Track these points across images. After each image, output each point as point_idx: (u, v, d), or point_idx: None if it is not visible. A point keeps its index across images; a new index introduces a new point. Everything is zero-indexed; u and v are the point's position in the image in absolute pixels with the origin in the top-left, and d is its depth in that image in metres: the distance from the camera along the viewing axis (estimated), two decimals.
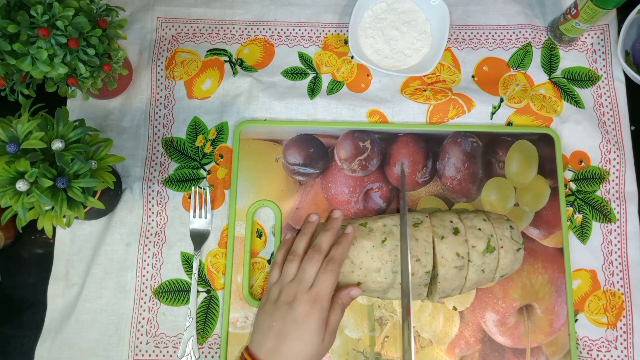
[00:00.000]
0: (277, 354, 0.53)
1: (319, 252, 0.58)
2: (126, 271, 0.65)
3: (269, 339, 0.54)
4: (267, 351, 0.53)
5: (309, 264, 0.57)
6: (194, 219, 0.65)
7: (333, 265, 0.56)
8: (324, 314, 0.54)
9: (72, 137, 0.51)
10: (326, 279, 0.55)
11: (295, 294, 0.55)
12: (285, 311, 0.54)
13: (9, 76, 0.53)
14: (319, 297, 0.54)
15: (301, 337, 0.53)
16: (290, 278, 0.57)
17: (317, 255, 0.57)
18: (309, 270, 0.56)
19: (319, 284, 0.55)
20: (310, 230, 0.62)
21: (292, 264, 0.58)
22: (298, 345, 0.53)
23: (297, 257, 0.59)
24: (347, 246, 0.58)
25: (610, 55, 0.73)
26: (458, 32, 0.73)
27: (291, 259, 0.59)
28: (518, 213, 0.66)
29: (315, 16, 0.74)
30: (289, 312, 0.54)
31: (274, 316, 0.55)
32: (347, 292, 0.58)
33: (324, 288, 0.55)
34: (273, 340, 0.53)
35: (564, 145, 0.69)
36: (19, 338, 0.63)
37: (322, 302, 0.54)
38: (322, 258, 0.57)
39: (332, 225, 0.61)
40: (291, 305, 0.54)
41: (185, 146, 0.68)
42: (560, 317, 0.63)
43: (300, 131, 0.67)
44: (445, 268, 0.58)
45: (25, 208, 0.48)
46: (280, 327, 0.54)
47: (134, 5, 0.73)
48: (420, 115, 0.70)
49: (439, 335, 0.63)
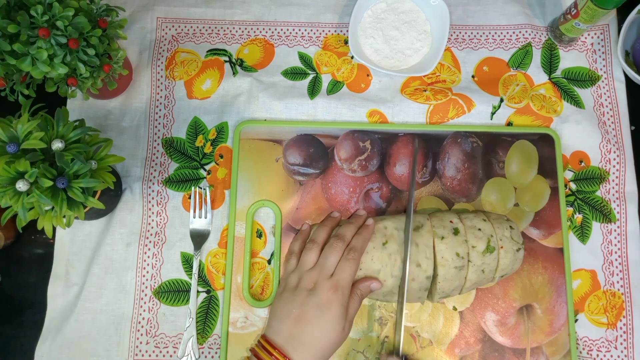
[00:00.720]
0: (298, 340, 0.52)
1: (342, 241, 0.58)
2: (126, 271, 0.65)
3: (288, 325, 0.53)
4: (286, 337, 0.53)
5: (331, 252, 0.57)
6: (194, 219, 0.65)
7: (354, 254, 0.57)
8: (345, 301, 0.54)
9: (72, 137, 0.51)
10: (348, 266, 0.56)
11: (317, 281, 0.55)
12: (306, 297, 0.54)
13: (9, 76, 0.53)
14: (341, 285, 0.55)
15: (323, 323, 0.53)
16: (310, 266, 0.57)
17: (340, 243, 0.58)
18: (331, 257, 0.57)
19: (341, 272, 0.56)
20: (332, 224, 0.62)
21: (312, 252, 0.58)
22: (320, 332, 0.53)
23: (317, 245, 0.59)
24: (367, 237, 0.59)
25: (610, 55, 0.73)
26: (458, 32, 0.73)
27: (310, 247, 0.59)
28: (518, 213, 0.66)
29: (315, 16, 0.74)
30: (311, 298, 0.54)
31: (294, 303, 0.55)
32: (368, 284, 0.58)
33: (345, 276, 0.55)
34: (293, 326, 0.53)
35: (564, 145, 0.69)
36: (19, 338, 0.63)
37: (343, 289, 0.55)
38: (345, 247, 0.58)
39: (356, 219, 0.62)
40: (312, 291, 0.54)
41: (185, 146, 0.68)
42: (560, 317, 0.63)
43: (300, 131, 0.67)
44: (445, 268, 0.58)
45: (25, 208, 0.48)
46: (300, 313, 0.53)
47: (134, 5, 0.73)
48: (420, 115, 0.70)
49: (439, 336, 0.63)
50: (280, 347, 0.52)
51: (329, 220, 0.63)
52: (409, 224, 0.59)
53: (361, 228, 0.60)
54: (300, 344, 0.52)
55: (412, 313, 0.63)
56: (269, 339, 0.53)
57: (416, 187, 0.66)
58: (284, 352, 0.52)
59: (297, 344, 0.52)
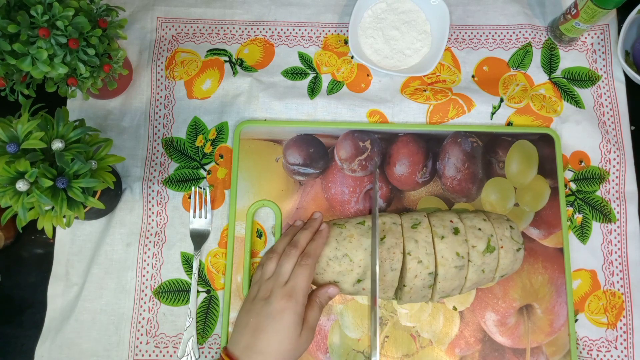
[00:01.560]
0: (254, 350, 0.53)
1: (295, 248, 0.59)
2: (126, 271, 0.65)
3: (245, 335, 0.54)
4: (244, 347, 0.53)
5: (285, 260, 0.58)
6: (194, 219, 0.65)
7: (307, 260, 0.57)
8: (299, 308, 0.54)
9: (72, 137, 0.51)
10: (301, 273, 0.56)
11: (272, 289, 0.56)
12: (262, 307, 0.55)
13: (9, 76, 0.53)
14: (294, 291, 0.55)
15: (277, 331, 0.53)
16: (269, 275, 0.58)
17: (293, 250, 0.58)
18: (286, 265, 0.57)
19: (294, 278, 0.56)
20: (293, 232, 0.62)
21: (271, 261, 0.59)
22: (275, 340, 0.53)
23: (276, 254, 0.59)
24: (320, 242, 0.59)
25: (610, 55, 0.73)
26: (458, 32, 0.73)
27: (269, 256, 0.60)
28: (518, 213, 0.66)
29: (315, 16, 0.74)
30: (265, 307, 0.54)
31: (250, 313, 0.55)
32: (325, 291, 0.59)
33: (298, 282, 0.56)
34: (249, 336, 0.54)
35: (564, 145, 0.69)
36: (19, 338, 0.63)
37: (297, 296, 0.55)
38: (299, 254, 0.58)
39: (310, 224, 0.62)
40: (267, 300, 0.55)
41: (185, 146, 0.68)
42: (560, 317, 0.63)
43: (300, 131, 0.67)
44: (445, 268, 0.58)
45: (25, 208, 0.48)
46: (256, 323, 0.54)
47: (134, 5, 0.73)
48: (420, 115, 0.70)
49: (439, 335, 0.63)
50: (238, 358, 0.53)
51: (291, 229, 0.64)
52: (375, 239, 0.59)
53: (316, 234, 0.61)
54: (256, 353, 0.53)
55: (412, 313, 0.63)
56: (229, 351, 0.54)
57: (416, 187, 0.66)
58: None
59: (253, 354, 0.53)
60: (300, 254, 0.59)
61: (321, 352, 0.62)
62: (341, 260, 0.59)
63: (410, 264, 0.57)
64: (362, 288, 0.60)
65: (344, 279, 0.59)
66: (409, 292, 0.59)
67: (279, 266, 0.58)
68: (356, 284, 0.60)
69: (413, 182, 0.66)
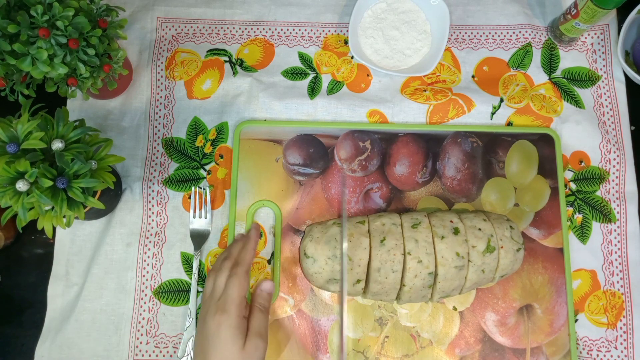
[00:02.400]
0: None
1: (227, 260, 0.58)
2: (126, 271, 0.65)
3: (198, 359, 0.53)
4: None
5: (218, 274, 0.57)
6: (194, 219, 0.65)
7: (237, 269, 0.56)
8: (233, 320, 0.52)
9: (72, 137, 0.51)
10: (232, 284, 0.55)
11: (207, 308, 0.55)
12: (201, 328, 0.54)
13: (9, 76, 0.53)
14: (227, 304, 0.53)
15: (217, 349, 0.51)
16: (208, 294, 0.57)
17: (226, 263, 0.57)
18: (218, 280, 0.56)
19: (226, 291, 0.54)
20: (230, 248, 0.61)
21: (209, 279, 0.58)
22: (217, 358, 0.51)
23: (214, 272, 0.58)
24: (249, 247, 0.59)
25: (610, 55, 0.73)
26: (458, 32, 0.73)
27: (209, 275, 0.58)
28: (518, 213, 0.66)
29: (315, 16, 0.74)
30: (203, 328, 0.53)
31: (199, 335, 0.54)
32: (260, 289, 0.58)
33: (230, 294, 0.54)
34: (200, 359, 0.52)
35: (564, 145, 0.69)
36: (19, 338, 0.63)
37: (229, 308, 0.53)
38: (231, 266, 0.57)
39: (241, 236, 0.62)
40: (204, 319, 0.54)
41: (185, 146, 0.68)
42: (560, 317, 0.63)
43: (300, 131, 0.67)
44: (445, 268, 0.58)
45: (25, 208, 0.48)
46: (201, 346, 0.53)
47: (134, 5, 0.73)
48: (420, 116, 0.70)
49: (439, 336, 0.63)
50: None
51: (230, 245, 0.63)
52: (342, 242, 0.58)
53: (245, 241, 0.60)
54: None
55: (412, 313, 0.63)
56: None
57: (416, 187, 0.67)
58: None
59: None
60: (232, 265, 0.57)
61: (321, 352, 0.62)
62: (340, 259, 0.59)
63: (410, 263, 0.58)
64: (362, 288, 0.60)
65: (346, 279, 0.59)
66: (409, 291, 0.59)
67: (214, 282, 0.56)
68: (356, 284, 0.60)
69: (413, 182, 0.66)
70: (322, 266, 0.59)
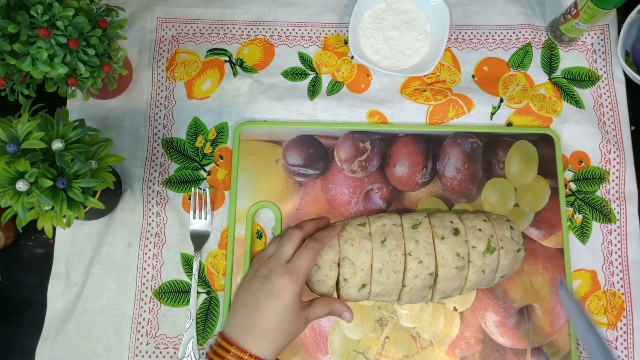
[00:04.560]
0: (254, 329, 0.51)
1: (299, 230, 0.58)
2: (126, 272, 0.65)
3: (244, 315, 0.53)
4: (244, 328, 0.52)
5: (287, 240, 0.57)
6: (194, 220, 0.65)
7: (313, 244, 0.56)
8: (299, 289, 0.53)
9: (72, 137, 0.51)
10: (304, 254, 0.55)
11: (272, 268, 0.55)
12: (261, 285, 0.54)
13: (9, 76, 0.53)
14: (296, 271, 0.54)
15: (278, 309, 0.52)
16: (269, 255, 0.57)
17: (296, 232, 0.58)
18: (287, 245, 0.57)
19: (297, 259, 0.55)
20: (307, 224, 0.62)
21: (273, 243, 0.59)
22: (276, 318, 0.52)
23: (279, 238, 0.59)
24: (332, 233, 0.58)
25: (610, 55, 0.73)
26: (458, 32, 0.73)
27: (273, 240, 0.59)
28: (518, 213, 0.66)
29: (315, 16, 0.74)
30: (265, 285, 0.53)
31: (249, 291, 0.54)
32: (342, 309, 0.58)
33: (301, 263, 0.54)
34: (249, 315, 0.52)
35: (564, 145, 0.69)
36: (19, 338, 0.63)
37: (297, 275, 0.53)
38: (302, 236, 0.58)
39: (319, 219, 0.62)
40: (267, 278, 0.54)
41: (185, 147, 0.68)
42: (561, 318, 0.63)
43: (300, 132, 0.67)
44: (445, 268, 0.58)
45: (25, 208, 0.48)
46: (255, 301, 0.53)
47: (134, 5, 0.73)
48: (420, 116, 0.70)
49: (439, 336, 0.62)
50: (237, 340, 0.51)
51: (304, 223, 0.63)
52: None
53: (328, 226, 0.61)
54: (256, 333, 0.51)
55: (412, 314, 0.63)
56: (226, 335, 0.52)
57: (416, 187, 0.66)
58: (241, 347, 0.51)
59: (254, 334, 0.51)
60: (303, 236, 0.58)
61: (321, 352, 0.62)
62: (343, 263, 0.58)
63: (410, 264, 0.57)
64: (368, 292, 0.60)
65: (348, 285, 0.59)
66: (409, 292, 0.59)
67: (280, 246, 0.57)
68: (362, 289, 0.59)
69: (413, 182, 0.66)
70: (326, 273, 0.59)
